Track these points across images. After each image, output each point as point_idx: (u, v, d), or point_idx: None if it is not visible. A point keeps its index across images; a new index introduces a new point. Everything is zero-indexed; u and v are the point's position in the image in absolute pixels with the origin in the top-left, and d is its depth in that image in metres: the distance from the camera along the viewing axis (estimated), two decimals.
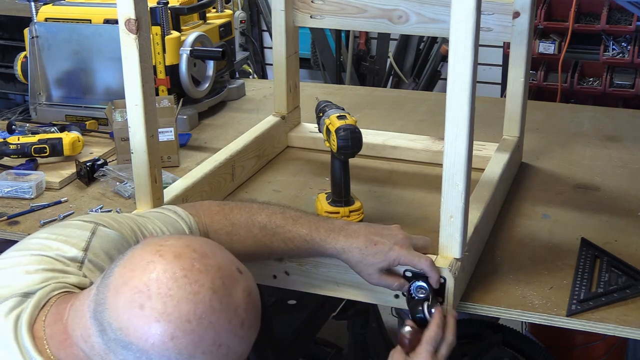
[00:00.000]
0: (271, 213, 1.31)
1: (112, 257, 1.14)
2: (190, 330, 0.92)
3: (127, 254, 0.98)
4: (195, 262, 0.95)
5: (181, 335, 0.92)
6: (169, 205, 1.36)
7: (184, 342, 0.92)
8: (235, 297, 0.96)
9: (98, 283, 0.98)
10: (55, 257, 1.10)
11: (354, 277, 1.29)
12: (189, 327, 0.92)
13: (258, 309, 1.01)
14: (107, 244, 1.15)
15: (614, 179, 1.82)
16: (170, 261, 0.94)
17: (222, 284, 0.96)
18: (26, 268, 1.07)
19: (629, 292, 1.34)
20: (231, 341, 0.95)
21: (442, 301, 1.27)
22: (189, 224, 1.29)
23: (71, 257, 1.11)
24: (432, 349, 1.18)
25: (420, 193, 1.74)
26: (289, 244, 1.29)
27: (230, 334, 0.95)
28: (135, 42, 1.34)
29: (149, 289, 0.92)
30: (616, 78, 3.54)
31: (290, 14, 1.87)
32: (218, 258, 0.98)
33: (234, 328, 0.95)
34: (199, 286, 0.93)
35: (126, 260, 0.97)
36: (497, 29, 1.74)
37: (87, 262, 1.11)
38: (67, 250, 1.11)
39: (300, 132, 2.03)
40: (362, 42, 4.40)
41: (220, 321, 0.94)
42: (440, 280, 1.25)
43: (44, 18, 2.21)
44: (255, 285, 1.02)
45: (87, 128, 2.10)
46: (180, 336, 0.92)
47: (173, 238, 1.00)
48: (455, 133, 1.20)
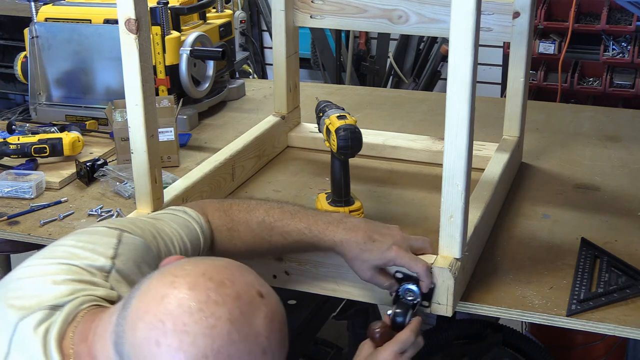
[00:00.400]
0: (269, 208, 1.31)
1: (138, 264, 1.13)
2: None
3: (144, 284, 0.95)
4: (211, 293, 0.91)
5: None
6: (176, 206, 1.35)
7: None
8: (255, 325, 0.93)
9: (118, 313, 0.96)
10: (83, 266, 1.08)
11: (354, 277, 1.29)
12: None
13: (282, 332, 0.97)
14: (133, 251, 1.14)
15: (614, 179, 1.82)
16: (184, 294, 0.91)
17: (241, 314, 0.92)
18: (53, 278, 1.05)
19: (629, 292, 1.34)
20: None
21: (428, 305, 1.27)
22: (199, 223, 1.29)
23: (99, 267, 1.09)
24: (399, 350, 1.18)
25: (420, 193, 1.74)
26: (287, 238, 1.29)
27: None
28: (135, 42, 1.34)
29: (164, 324, 0.90)
30: (616, 78, 3.53)
31: (290, 14, 1.87)
32: (236, 285, 0.93)
33: (254, 358, 0.92)
34: (216, 319, 0.90)
35: (142, 292, 0.94)
36: (497, 29, 1.74)
37: (115, 271, 1.10)
38: (94, 259, 1.10)
39: (300, 132, 2.03)
40: (362, 42, 4.40)
41: (240, 353, 0.91)
42: (430, 286, 1.25)
43: (44, 18, 2.21)
44: (280, 305, 0.98)
45: (87, 128, 2.10)
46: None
47: (189, 264, 0.96)
48: (455, 133, 1.20)
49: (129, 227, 1.19)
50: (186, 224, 1.28)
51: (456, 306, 1.31)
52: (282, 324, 0.98)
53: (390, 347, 1.18)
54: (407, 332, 1.20)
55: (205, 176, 1.65)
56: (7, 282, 1.08)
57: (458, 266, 1.27)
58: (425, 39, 4.13)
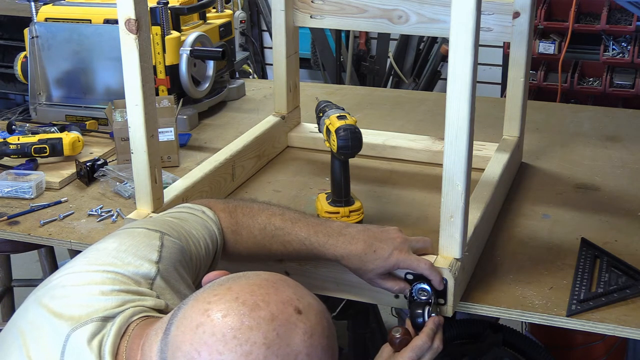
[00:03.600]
0: (270, 215, 1.31)
1: (176, 268, 1.13)
2: None
3: (180, 311, 0.95)
4: (245, 319, 0.89)
5: None
6: (192, 205, 1.33)
7: None
8: (293, 344, 0.90)
9: (161, 338, 0.95)
10: (129, 274, 1.08)
11: (354, 277, 1.29)
12: None
13: (326, 345, 0.94)
14: (174, 256, 1.15)
15: (614, 179, 1.82)
16: (218, 322, 0.89)
17: (277, 336, 0.90)
18: (101, 288, 1.05)
19: (629, 292, 1.34)
20: None
21: (444, 302, 1.27)
22: (217, 224, 1.29)
23: (144, 274, 1.09)
24: (416, 356, 1.18)
25: (420, 193, 1.74)
26: (287, 247, 1.29)
27: None
28: (135, 42, 1.34)
29: (199, 354, 0.89)
30: (616, 78, 3.53)
31: (290, 14, 1.87)
32: (271, 305, 0.91)
33: None
34: (251, 345, 0.88)
35: (179, 320, 0.93)
36: (497, 29, 1.74)
37: (159, 278, 1.10)
38: (139, 264, 1.09)
39: (300, 132, 2.03)
40: (362, 42, 4.40)
41: None
42: (443, 281, 1.25)
43: (44, 18, 2.21)
44: (321, 317, 0.95)
45: (87, 128, 2.10)
46: None
47: (221, 288, 0.95)
48: (455, 133, 1.20)
49: (166, 228, 1.19)
50: (206, 225, 1.27)
51: (456, 306, 1.31)
52: (324, 337, 0.94)
53: (407, 354, 1.18)
54: (422, 336, 1.19)
55: (205, 176, 1.65)
56: (51, 288, 1.07)
57: (458, 266, 1.27)
58: (425, 39, 4.13)
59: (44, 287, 1.07)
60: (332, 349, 0.95)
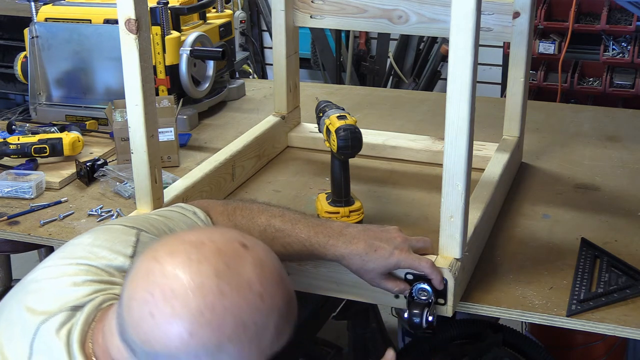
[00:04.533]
0: (270, 216, 1.30)
1: None
2: (206, 322, 0.89)
3: (131, 268, 0.96)
4: (192, 255, 0.92)
5: (199, 329, 0.89)
6: (184, 205, 1.34)
7: (204, 335, 0.90)
8: (244, 274, 0.93)
9: (117, 304, 0.97)
10: (102, 267, 1.09)
11: (354, 277, 1.29)
12: (204, 319, 0.89)
13: (278, 276, 0.96)
14: None
15: (614, 179, 1.82)
16: (166, 262, 0.92)
17: (226, 267, 0.92)
18: (74, 280, 1.06)
19: (629, 292, 1.34)
20: (257, 318, 0.92)
21: (444, 302, 1.27)
22: (207, 225, 1.29)
23: (117, 267, 1.10)
24: None
25: (420, 193, 1.74)
26: (288, 249, 1.29)
27: (252, 311, 0.92)
28: (135, 42, 1.34)
29: (153, 296, 0.90)
30: (616, 78, 3.53)
31: (290, 14, 1.87)
32: (216, 242, 0.94)
33: (253, 304, 0.92)
34: (201, 277, 0.91)
35: (130, 275, 0.95)
36: (497, 29, 1.74)
37: None
38: (113, 258, 1.11)
39: (300, 132, 2.03)
40: (362, 42, 4.40)
41: (235, 303, 0.91)
42: (443, 281, 1.25)
43: (44, 18, 2.20)
44: (269, 253, 0.98)
45: (87, 128, 2.10)
46: (199, 331, 0.89)
47: (165, 238, 0.99)
48: (455, 133, 1.20)
49: (145, 226, 1.19)
50: (193, 225, 1.28)
51: (456, 306, 1.31)
52: (275, 269, 0.97)
53: None
54: None
55: (205, 176, 1.65)
56: (26, 283, 1.09)
57: (458, 266, 1.27)
58: (425, 39, 4.13)
59: (20, 284, 1.09)
60: (287, 285, 0.97)
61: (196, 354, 0.90)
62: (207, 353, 0.90)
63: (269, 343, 0.95)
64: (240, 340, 0.92)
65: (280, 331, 0.96)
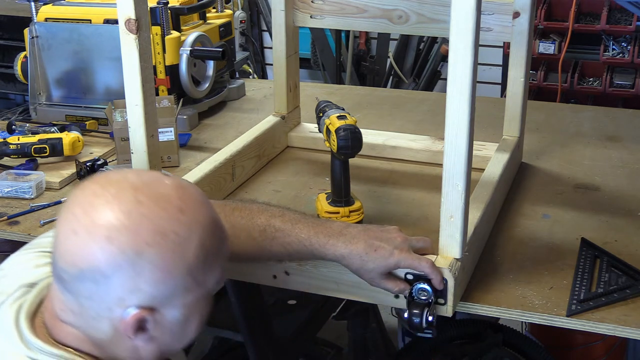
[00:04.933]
0: (270, 216, 1.30)
1: None
2: (123, 227, 0.93)
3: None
4: (111, 175, 0.99)
5: (116, 234, 0.93)
6: None
7: (122, 239, 0.93)
8: (163, 190, 0.98)
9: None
10: None
11: (354, 277, 1.29)
12: (120, 224, 0.93)
13: (200, 198, 1.01)
14: None
15: (614, 179, 1.82)
16: (86, 186, 0.98)
17: (144, 183, 0.97)
18: (36, 262, 1.10)
19: (629, 292, 1.34)
20: (177, 228, 0.96)
21: (443, 302, 1.27)
22: None
23: None
24: None
25: (420, 193, 1.74)
26: (288, 249, 1.29)
27: (172, 221, 0.96)
28: (135, 42, 1.34)
29: (74, 214, 0.95)
30: (616, 78, 3.53)
31: (290, 14, 1.87)
32: (138, 171, 1.03)
33: (172, 215, 0.96)
34: (118, 189, 0.96)
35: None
36: (497, 29, 1.74)
37: None
38: None
39: (300, 132, 2.03)
40: (362, 42, 4.40)
41: (153, 210, 0.95)
42: (443, 281, 1.25)
43: (44, 18, 2.21)
44: (193, 185, 1.03)
45: (87, 128, 2.10)
46: (116, 235, 0.93)
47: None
48: (455, 133, 1.20)
49: None
50: None
51: (456, 306, 1.31)
52: (197, 194, 1.02)
53: None
54: None
55: (205, 176, 1.65)
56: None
57: (458, 266, 1.27)
58: (425, 39, 4.13)
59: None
60: (210, 210, 1.02)
61: (117, 262, 0.93)
62: (127, 260, 0.93)
63: (194, 259, 0.98)
64: (160, 246, 0.95)
65: (207, 253, 0.99)
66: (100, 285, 0.94)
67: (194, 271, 0.98)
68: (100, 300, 0.96)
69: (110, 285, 0.94)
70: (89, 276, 0.94)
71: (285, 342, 1.88)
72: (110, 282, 0.94)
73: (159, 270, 0.95)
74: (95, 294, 0.95)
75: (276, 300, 1.99)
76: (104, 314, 0.97)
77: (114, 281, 0.94)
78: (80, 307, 0.97)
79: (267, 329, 1.81)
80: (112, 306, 0.96)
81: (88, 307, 0.97)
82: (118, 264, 0.93)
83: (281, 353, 1.84)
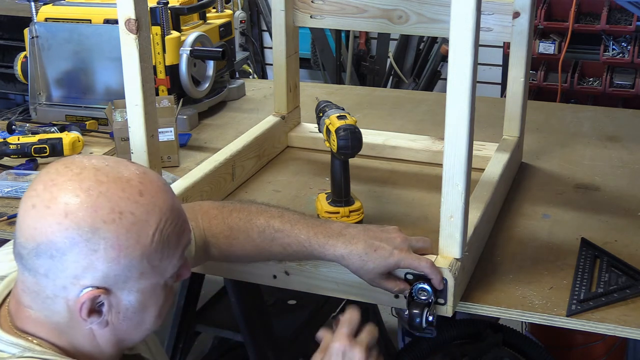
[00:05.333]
0: (269, 217, 1.30)
1: None
2: (80, 203, 0.94)
3: None
4: (77, 158, 1.01)
5: (74, 209, 0.94)
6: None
7: (79, 215, 0.94)
8: (124, 173, 0.99)
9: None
10: None
11: (354, 277, 1.29)
12: (79, 200, 0.94)
13: (161, 185, 1.03)
14: None
15: (614, 179, 1.82)
16: (51, 165, 1.00)
17: (107, 165, 0.99)
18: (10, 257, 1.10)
19: (629, 292, 1.34)
20: (135, 209, 0.97)
21: (443, 302, 1.27)
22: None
23: None
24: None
25: (420, 193, 1.74)
26: (287, 249, 1.29)
27: (130, 202, 0.97)
28: (135, 42, 1.34)
29: (35, 190, 0.97)
30: (616, 78, 3.53)
31: (290, 14, 1.87)
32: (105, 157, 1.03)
33: (131, 196, 0.97)
34: (81, 169, 0.97)
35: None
36: (497, 29, 1.74)
37: None
38: None
39: (300, 132, 2.03)
40: (362, 42, 4.40)
41: (112, 190, 0.96)
42: (443, 281, 1.25)
43: (44, 18, 2.21)
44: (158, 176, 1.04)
45: (87, 128, 2.10)
46: (74, 210, 0.94)
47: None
48: (455, 133, 1.20)
49: None
50: None
51: (456, 306, 1.31)
52: (159, 181, 1.03)
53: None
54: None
55: (205, 176, 1.64)
56: None
57: (458, 266, 1.27)
58: (425, 39, 4.13)
59: None
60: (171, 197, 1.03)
61: (72, 237, 0.94)
62: (82, 235, 0.94)
63: (150, 242, 0.99)
64: (116, 225, 0.96)
65: (165, 240, 1.00)
66: (56, 261, 0.95)
67: (149, 255, 0.99)
68: (56, 277, 0.97)
69: (65, 261, 0.95)
70: (45, 251, 0.95)
71: (285, 342, 1.88)
72: (65, 258, 0.95)
73: (113, 249, 0.96)
74: (50, 270, 0.96)
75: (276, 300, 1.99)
76: (59, 293, 0.98)
77: (69, 257, 0.95)
78: (37, 286, 0.98)
79: (267, 329, 1.81)
80: (67, 284, 0.97)
81: (44, 285, 0.98)
82: (73, 239, 0.94)
83: (281, 353, 1.84)
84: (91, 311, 0.99)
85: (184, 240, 1.06)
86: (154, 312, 1.05)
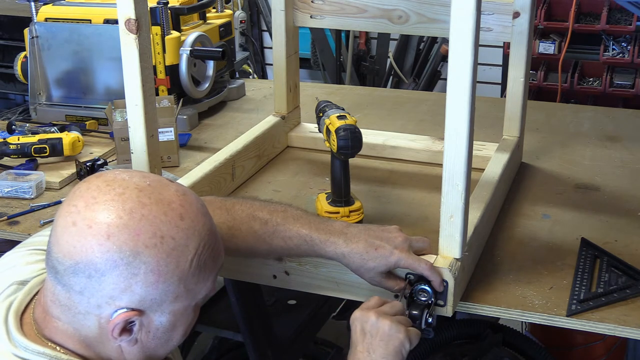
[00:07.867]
0: (272, 210, 1.31)
1: None
2: (123, 225, 0.93)
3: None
4: (118, 174, 1.00)
5: (116, 231, 0.93)
6: None
7: (121, 237, 0.93)
8: (166, 194, 0.98)
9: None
10: None
11: (354, 277, 1.29)
12: (121, 222, 0.94)
13: (200, 207, 1.02)
14: None
15: (614, 179, 1.82)
16: (91, 181, 0.99)
17: (148, 185, 0.98)
18: (27, 259, 1.11)
19: (629, 292, 1.34)
20: (175, 234, 0.96)
21: (443, 304, 1.27)
22: None
23: None
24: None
25: (420, 193, 1.74)
26: (288, 243, 1.29)
27: (171, 226, 0.96)
28: (135, 42, 1.34)
29: (76, 207, 0.95)
30: (616, 78, 3.53)
31: (290, 14, 1.87)
32: (145, 174, 1.02)
33: (172, 220, 0.97)
34: (124, 188, 0.96)
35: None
36: (497, 29, 1.74)
37: None
38: None
39: (300, 132, 2.03)
40: (362, 42, 4.40)
41: (154, 213, 0.96)
42: (443, 283, 1.25)
43: (44, 18, 2.21)
44: (193, 193, 1.04)
45: (87, 128, 2.10)
46: (116, 233, 0.93)
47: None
48: (455, 133, 1.20)
49: None
50: None
51: (456, 306, 1.31)
52: (198, 203, 1.02)
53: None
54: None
55: (205, 176, 1.64)
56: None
57: (458, 266, 1.27)
58: (425, 39, 4.13)
59: None
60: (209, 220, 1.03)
61: (113, 259, 0.93)
62: (123, 259, 0.94)
63: (188, 267, 0.98)
64: (157, 250, 0.95)
65: (202, 264, 1.00)
66: (93, 281, 0.95)
67: (186, 279, 0.99)
68: (91, 295, 0.96)
69: (103, 282, 0.95)
70: (84, 270, 0.94)
71: (285, 342, 1.88)
72: (103, 279, 0.94)
73: (153, 274, 0.95)
74: (86, 289, 0.95)
75: (276, 300, 1.99)
76: (93, 311, 0.97)
77: (107, 279, 0.94)
78: (69, 301, 0.98)
79: (267, 329, 1.81)
80: (101, 303, 0.96)
81: (78, 301, 0.97)
82: (114, 262, 0.94)
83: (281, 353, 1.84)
84: (122, 330, 0.98)
85: (219, 263, 1.06)
86: (182, 331, 1.05)
